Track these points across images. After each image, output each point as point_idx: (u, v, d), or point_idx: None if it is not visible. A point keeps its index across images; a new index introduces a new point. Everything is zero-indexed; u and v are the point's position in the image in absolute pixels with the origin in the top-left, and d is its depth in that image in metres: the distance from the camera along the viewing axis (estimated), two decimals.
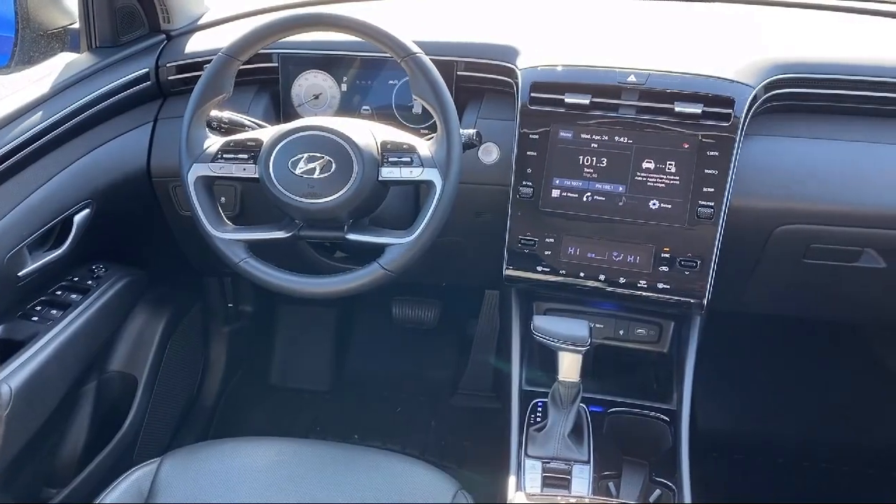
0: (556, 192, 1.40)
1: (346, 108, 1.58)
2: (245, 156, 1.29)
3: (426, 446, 2.10)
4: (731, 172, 1.33)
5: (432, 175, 1.26)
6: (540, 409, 1.41)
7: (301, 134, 1.27)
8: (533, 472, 1.30)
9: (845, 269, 1.48)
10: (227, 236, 1.30)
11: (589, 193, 1.39)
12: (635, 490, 1.30)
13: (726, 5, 1.76)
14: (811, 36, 1.60)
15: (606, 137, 1.38)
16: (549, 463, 1.30)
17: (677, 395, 1.44)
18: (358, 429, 2.15)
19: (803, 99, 1.43)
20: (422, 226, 1.25)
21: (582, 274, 1.41)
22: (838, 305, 1.65)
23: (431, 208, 1.25)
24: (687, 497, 1.28)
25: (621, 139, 1.37)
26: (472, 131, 1.36)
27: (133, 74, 1.60)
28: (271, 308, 2.33)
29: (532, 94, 1.39)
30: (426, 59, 1.27)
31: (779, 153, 1.43)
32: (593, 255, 1.40)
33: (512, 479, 1.30)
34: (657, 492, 1.30)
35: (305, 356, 2.34)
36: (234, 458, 1.29)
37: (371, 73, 1.57)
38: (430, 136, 1.32)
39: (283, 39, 1.35)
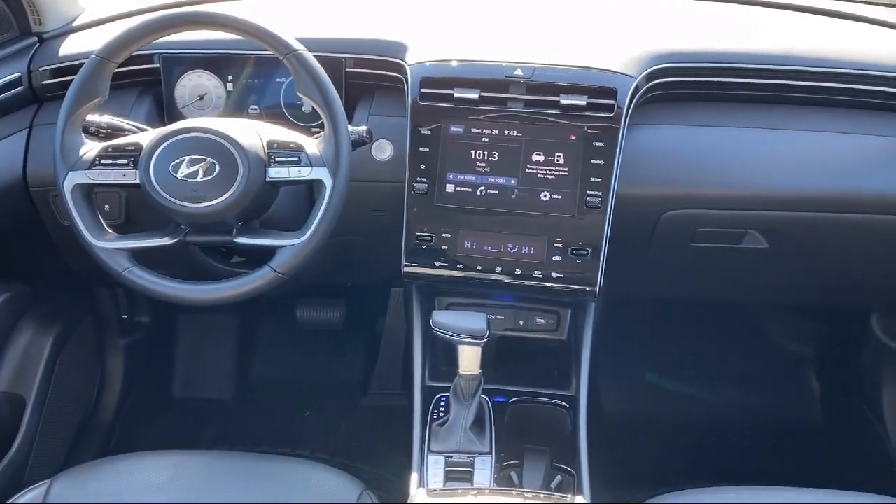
0: (450, 187, 1.41)
1: (233, 108, 1.54)
2: (124, 161, 1.25)
3: (336, 449, 2.08)
4: (616, 162, 1.36)
5: (321, 174, 1.24)
6: (443, 403, 1.42)
7: (182, 136, 1.23)
8: (436, 467, 1.30)
9: (730, 251, 1.54)
10: (109, 245, 1.25)
11: (482, 187, 1.40)
12: (537, 477, 1.32)
13: None
14: (694, 26, 1.65)
15: (497, 131, 1.39)
16: (451, 457, 1.31)
17: (576, 381, 1.47)
18: (266, 436, 2.11)
19: (684, 88, 1.47)
20: (313, 226, 1.24)
21: (479, 267, 1.42)
22: (726, 286, 1.71)
23: (322, 208, 1.24)
24: (586, 480, 1.31)
25: (511, 132, 1.39)
26: (362, 128, 1.35)
27: (3, 80, 1.52)
28: (170, 317, 2.26)
29: (422, 90, 1.39)
30: (309, 55, 1.25)
31: (663, 141, 1.47)
32: (489, 249, 1.41)
33: (414, 476, 1.30)
34: (558, 477, 1.32)
35: (208, 365, 2.28)
36: (131, 474, 1.24)
37: (258, 71, 1.54)
38: (319, 134, 1.31)
39: (165, 39, 1.31)
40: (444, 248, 1.42)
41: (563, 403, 1.45)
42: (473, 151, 1.40)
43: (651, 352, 2.27)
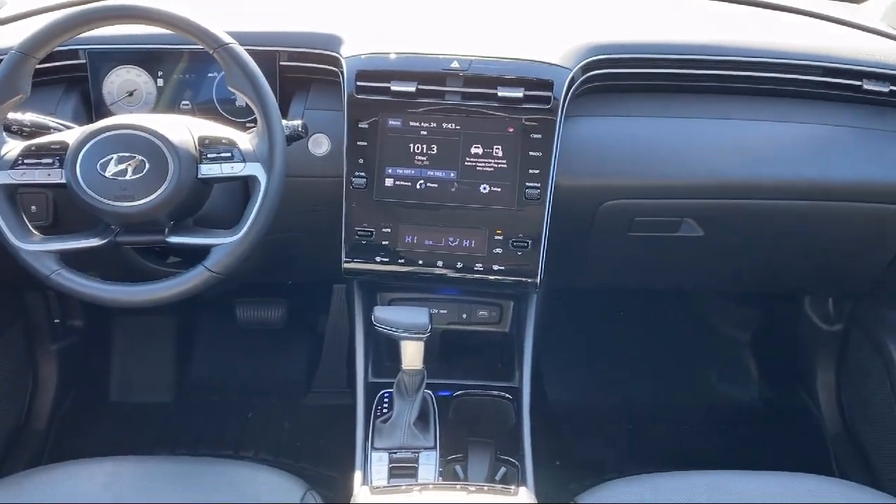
0: (389, 182, 1.39)
1: (164, 104, 1.50)
2: (49, 160, 1.20)
3: (280, 449, 2.05)
4: (554, 153, 1.36)
5: (255, 170, 1.22)
6: (387, 400, 1.41)
7: (110, 133, 1.19)
8: (379, 464, 1.29)
9: (667, 240, 1.56)
10: (35, 248, 1.21)
11: (422, 181, 1.39)
12: (482, 470, 1.32)
13: None
14: (631, 18, 1.67)
15: (435, 124, 1.38)
16: (395, 453, 1.30)
17: (519, 373, 1.47)
18: (207, 439, 2.07)
19: (620, 79, 1.48)
20: (248, 223, 1.21)
21: (420, 262, 1.41)
22: (664, 274, 1.74)
23: (257, 205, 1.22)
24: (529, 471, 1.31)
25: (449, 125, 1.38)
26: (297, 123, 1.33)
27: None
28: (105, 320, 2.20)
29: (358, 83, 1.37)
30: (240, 49, 1.23)
31: (600, 132, 1.48)
32: (430, 242, 1.41)
33: (358, 474, 1.29)
34: (503, 469, 1.33)
35: (145, 368, 2.22)
36: (64, 483, 1.21)
37: (189, 66, 1.50)
38: (253, 129, 1.28)
39: (92, 34, 1.27)
40: (384, 243, 1.41)
41: (507, 395, 1.45)
42: (412, 145, 1.39)
43: (594, 341, 2.30)
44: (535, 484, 1.32)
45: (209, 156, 1.21)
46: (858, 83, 1.46)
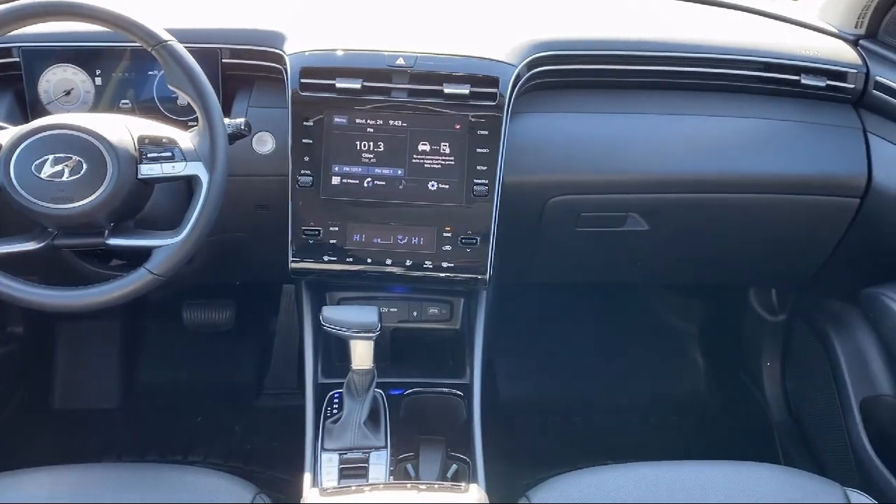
0: (336, 180, 1.38)
1: (103, 103, 1.46)
2: None
3: (231, 453, 2.02)
4: (501, 150, 1.37)
5: (197, 169, 1.19)
6: (337, 400, 1.39)
7: (45, 133, 1.16)
8: (329, 465, 1.27)
9: (614, 234, 1.58)
10: None
11: (369, 178, 1.38)
12: (433, 468, 1.31)
13: None
14: (577, 15, 1.68)
15: (381, 121, 1.37)
16: (345, 454, 1.29)
17: (469, 369, 1.47)
18: (155, 445, 2.03)
19: (566, 75, 1.49)
20: (190, 224, 1.19)
21: (369, 260, 1.40)
22: (611, 269, 1.76)
23: (199, 205, 1.19)
24: (480, 467, 1.31)
25: (396, 122, 1.37)
26: (240, 121, 1.31)
27: None
28: (47, 326, 2.14)
29: (302, 81, 1.36)
30: (179, 46, 1.20)
31: (546, 129, 1.49)
32: (379, 241, 1.40)
33: (307, 476, 1.28)
34: (454, 466, 1.32)
35: (91, 374, 2.17)
36: (7, 494, 1.17)
37: (129, 64, 1.46)
38: (195, 128, 1.25)
39: (25, 30, 1.24)
40: (332, 241, 1.39)
41: (458, 392, 1.45)
42: (359, 142, 1.37)
43: (546, 336, 2.31)
44: (487, 480, 1.32)
45: (149, 155, 1.19)
46: (796, 78, 1.49)
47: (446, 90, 1.35)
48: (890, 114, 1.48)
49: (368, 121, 1.37)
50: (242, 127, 1.31)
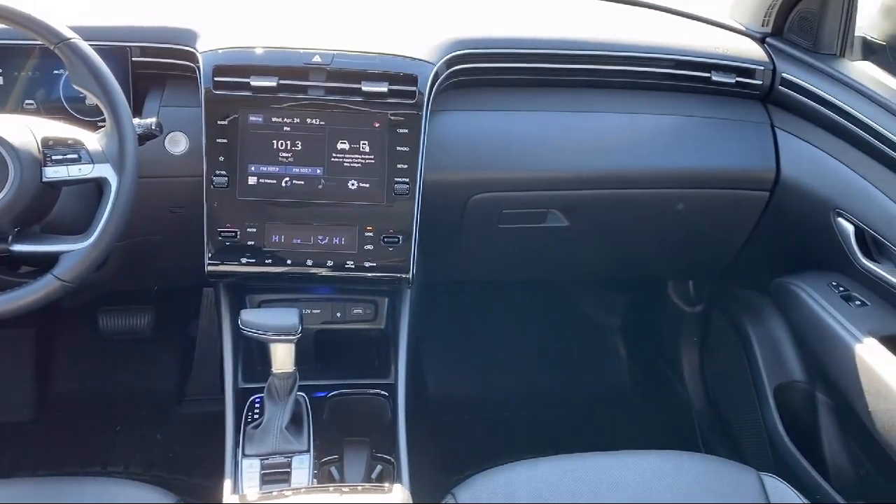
0: (252, 180, 1.35)
1: (5, 104, 1.39)
2: None
3: (152, 462, 1.96)
4: (421, 148, 1.36)
5: (105, 171, 1.15)
6: (258, 405, 1.37)
7: None
8: (250, 471, 1.25)
9: (535, 231, 1.59)
10: None
11: (287, 178, 1.36)
12: (358, 470, 1.30)
13: None
14: (498, 14, 1.68)
15: (298, 120, 1.35)
16: (267, 459, 1.27)
17: (394, 369, 1.47)
18: (73, 457, 1.96)
19: (486, 73, 1.49)
20: (99, 228, 1.15)
21: (289, 261, 1.38)
22: (534, 265, 1.78)
23: (108, 208, 1.15)
24: (405, 467, 1.31)
25: (313, 121, 1.35)
26: (150, 121, 1.27)
27: None
28: None
29: (215, 79, 1.33)
30: (82, 44, 1.16)
31: (467, 126, 1.49)
32: (298, 241, 1.38)
33: (227, 483, 1.25)
34: (378, 467, 1.32)
35: (2, 385, 2.07)
36: None
37: (34, 63, 1.40)
38: (103, 128, 1.21)
39: None
40: (250, 243, 1.36)
41: (383, 392, 1.44)
42: (275, 141, 1.35)
43: (474, 334, 2.32)
44: (413, 480, 1.32)
45: (54, 158, 1.14)
46: (707, 75, 1.53)
47: (364, 88, 1.34)
48: (796, 109, 1.53)
49: (285, 119, 1.35)
50: (153, 127, 1.27)
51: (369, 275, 1.40)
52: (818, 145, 1.49)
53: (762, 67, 1.55)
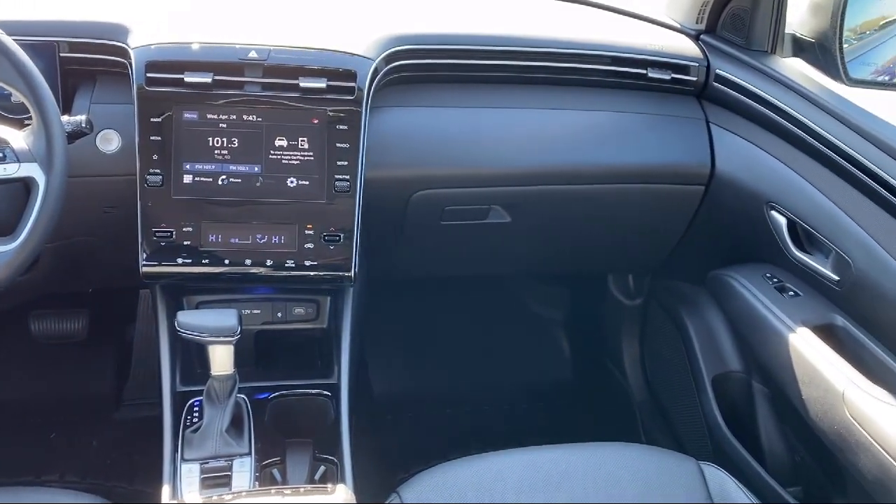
0: (188, 178, 1.32)
1: None
2: None
3: (89, 470, 1.91)
4: (361, 145, 1.35)
5: (32, 171, 1.11)
6: (197, 408, 1.34)
7: None
8: (190, 476, 1.22)
9: (477, 227, 1.59)
10: None
11: (224, 176, 1.33)
12: (301, 471, 1.29)
13: None
14: (437, 11, 1.68)
15: (234, 116, 1.32)
16: (206, 463, 1.24)
17: (337, 368, 1.45)
18: (6, 465, 1.89)
19: (426, 70, 1.49)
20: (26, 230, 1.11)
21: (227, 261, 1.35)
22: (477, 261, 1.78)
23: (36, 209, 1.11)
24: (348, 467, 1.30)
25: (250, 117, 1.33)
26: (80, 118, 1.23)
27: None
28: None
29: (148, 75, 1.29)
30: (7, 39, 1.11)
31: (408, 123, 1.48)
32: (236, 241, 1.35)
33: (166, 489, 1.22)
34: (322, 468, 1.30)
35: None
36: None
37: None
38: (29, 126, 1.17)
39: None
40: (186, 243, 1.33)
41: (326, 392, 1.42)
42: (211, 139, 1.32)
43: (419, 331, 2.32)
44: (359, 479, 1.31)
45: None
46: (643, 71, 1.55)
47: (302, 84, 1.32)
48: (729, 105, 1.56)
49: (221, 116, 1.32)
50: (83, 125, 1.24)
51: (310, 274, 1.38)
52: (751, 140, 1.52)
53: (696, 64, 1.58)
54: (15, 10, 1.38)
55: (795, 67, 1.51)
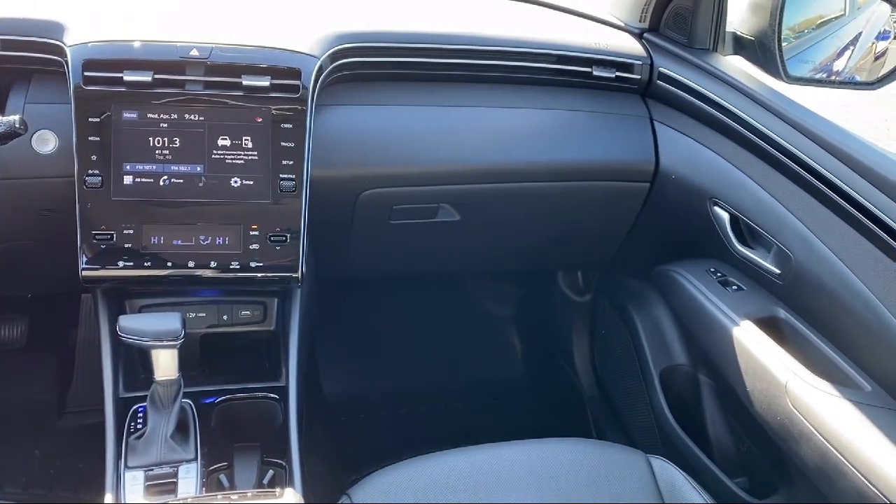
0: (128, 179, 1.29)
1: None
2: None
3: (31, 480, 1.86)
4: (307, 144, 1.33)
5: None
6: (141, 414, 1.31)
7: None
8: (134, 483, 1.20)
9: (427, 226, 1.59)
10: None
11: (165, 177, 1.31)
12: (249, 476, 1.27)
13: None
14: (383, 10, 1.67)
15: (176, 116, 1.30)
16: (151, 470, 1.21)
17: (285, 370, 1.43)
18: None
19: (371, 68, 1.48)
20: None
21: (169, 263, 1.32)
22: (427, 260, 1.78)
23: None
24: (297, 470, 1.28)
25: (192, 117, 1.30)
26: (13, 118, 1.19)
27: None
28: None
29: (86, 74, 1.26)
30: None
31: (355, 122, 1.47)
32: (179, 242, 1.32)
33: (109, 497, 1.19)
34: (270, 472, 1.28)
35: None
36: None
37: None
38: None
39: None
40: (127, 245, 1.30)
41: (274, 395, 1.40)
42: (152, 139, 1.29)
43: (369, 331, 2.30)
44: (307, 482, 1.29)
45: None
46: (588, 70, 1.57)
47: (245, 82, 1.30)
48: (672, 102, 1.58)
49: (162, 115, 1.29)
50: (17, 125, 1.19)
51: (257, 275, 1.36)
52: (694, 137, 1.54)
53: (640, 62, 1.60)
54: None
55: (736, 65, 1.54)
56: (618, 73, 1.58)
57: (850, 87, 1.57)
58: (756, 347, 1.33)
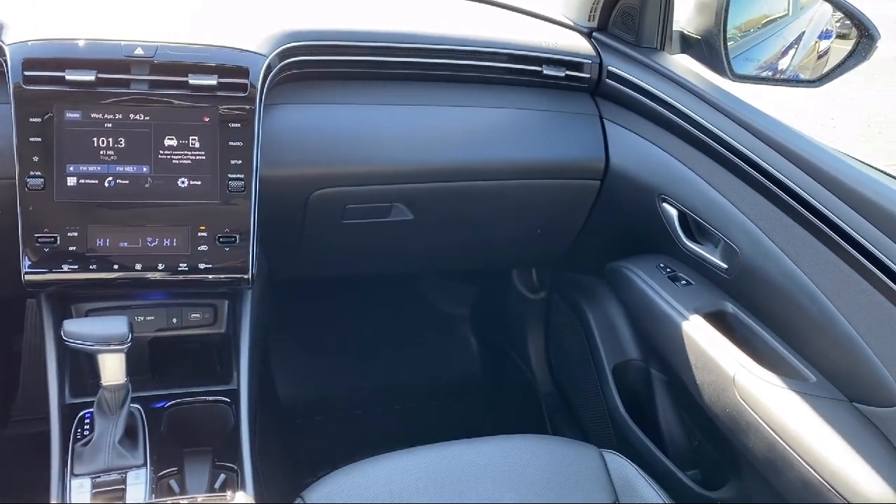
0: (72, 181, 1.26)
1: None
2: None
3: None
4: (255, 143, 1.32)
5: None
6: (88, 420, 1.28)
7: None
8: (80, 490, 1.17)
9: (380, 225, 1.58)
10: None
11: (111, 178, 1.28)
12: (201, 480, 1.25)
13: None
14: (335, 9, 1.66)
15: (121, 116, 1.27)
16: (98, 477, 1.19)
17: (237, 373, 1.42)
18: None
19: (322, 66, 1.47)
20: None
21: (116, 266, 1.30)
22: (382, 259, 1.77)
23: None
24: (248, 474, 1.27)
25: (137, 116, 1.28)
26: None
27: None
28: None
29: (26, 73, 1.23)
30: None
31: (305, 121, 1.46)
32: (125, 244, 1.30)
33: None
34: (222, 476, 1.27)
35: None
36: None
37: None
38: None
39: None
40: (72, 248, 1.27)
41: (225, 399, 1.39)
42: (96, 139, 1.26)
43: (324, 332, 2.29)
44: (260, 485, 1.28)
45: None
46: (539, 68, 1.57)
47: (192, 81, 1.28)
48: (621, 101, 1.60)
49: (106, 115, 1.26)
50: None
51: (207, 277, 1.34)
52: (643, 135, 1.56)
53: (589, 61, 1.61)
54: None
55: (683, 64, 1.56)
56: (567, 72, 1.59)
57: (794, 84, 1.60)
58: (704, 341, 1.35)
